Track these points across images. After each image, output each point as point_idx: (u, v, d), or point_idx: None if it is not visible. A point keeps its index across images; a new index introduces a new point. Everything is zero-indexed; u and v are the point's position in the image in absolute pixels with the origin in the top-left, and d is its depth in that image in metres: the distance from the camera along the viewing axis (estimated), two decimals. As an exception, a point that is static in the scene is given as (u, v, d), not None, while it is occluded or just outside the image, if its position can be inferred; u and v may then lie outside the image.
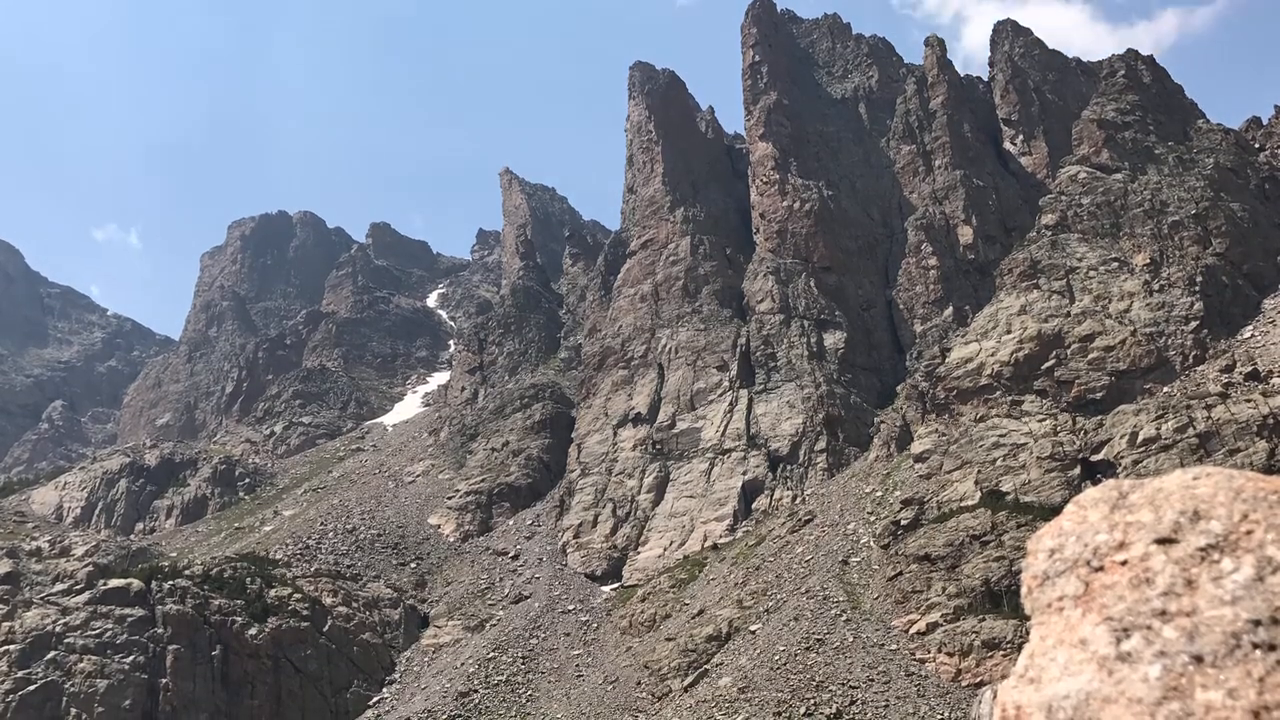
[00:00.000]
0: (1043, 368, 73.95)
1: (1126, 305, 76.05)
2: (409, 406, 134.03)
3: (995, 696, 2.47)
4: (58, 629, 65.78)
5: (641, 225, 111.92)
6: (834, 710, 53.78)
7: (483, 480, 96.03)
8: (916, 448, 73.96)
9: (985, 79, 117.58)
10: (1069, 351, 73.94)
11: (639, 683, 64.06)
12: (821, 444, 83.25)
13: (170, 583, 70.12)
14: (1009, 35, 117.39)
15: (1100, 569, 2.35)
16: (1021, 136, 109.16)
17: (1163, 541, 2.30)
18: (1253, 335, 73.37)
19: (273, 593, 73.38)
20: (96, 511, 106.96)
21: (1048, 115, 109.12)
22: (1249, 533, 2.23)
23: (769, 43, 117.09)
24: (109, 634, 65.87)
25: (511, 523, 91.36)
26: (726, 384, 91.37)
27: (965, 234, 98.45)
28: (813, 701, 54.71)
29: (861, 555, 66.98)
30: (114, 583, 69.05)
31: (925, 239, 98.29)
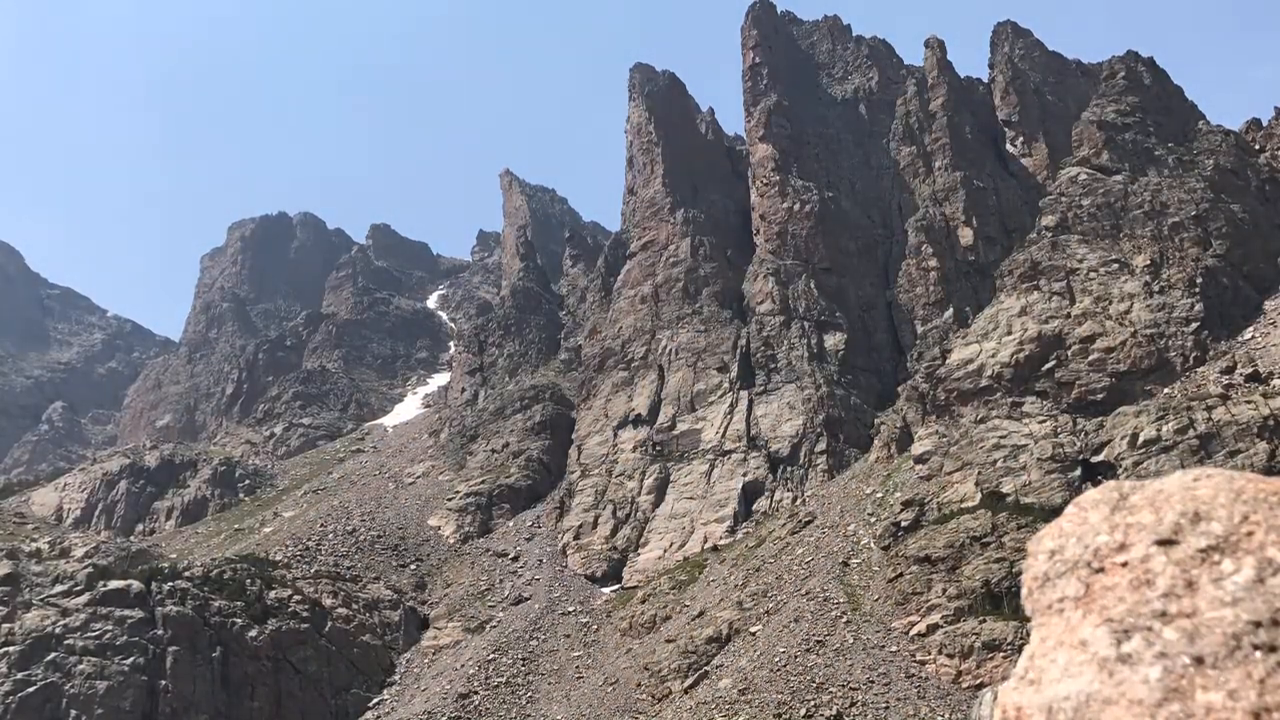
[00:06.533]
0: (1043, 369, 73.96)
1: (1127, 307, 76.05)
2: (409, 408, 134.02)
3: (995, 698, 2.47)
4: (57, 630, 65.77)
5: (641, 227, 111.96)
6: (834, 712, 53.76)
7: (483, 482, 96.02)
8: (917, 449, 73.96)
9: (985, 80, 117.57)
10: (1069, 353, 73.95)
11: (639, 684, 64.05)
12: (822, 445, 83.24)
13: (170, 584, 70.12)
14: (1009, 37, 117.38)
15: (1100, 570, 2.35)
16: (1022, 138, 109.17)
17: (1163, 543, 2.30)
18: (1253, 337, 73.38)
19: (273, 594, 73.38)
20: (96, 513, 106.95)
21: (1048, 117, 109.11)
22: (1250, 534, 2.23)
23: (769, 44, 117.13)
24: (109, 635, 65.86)
25: (511, 524, 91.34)
26: (727, 385, 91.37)
27: (965, 235, 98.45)
28: (813, 703, 54.70)
29: (862, 557, 66.97)
30: (114, 584, 69.03)
31: (925, 240, 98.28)
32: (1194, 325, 73.57)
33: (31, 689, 62.55)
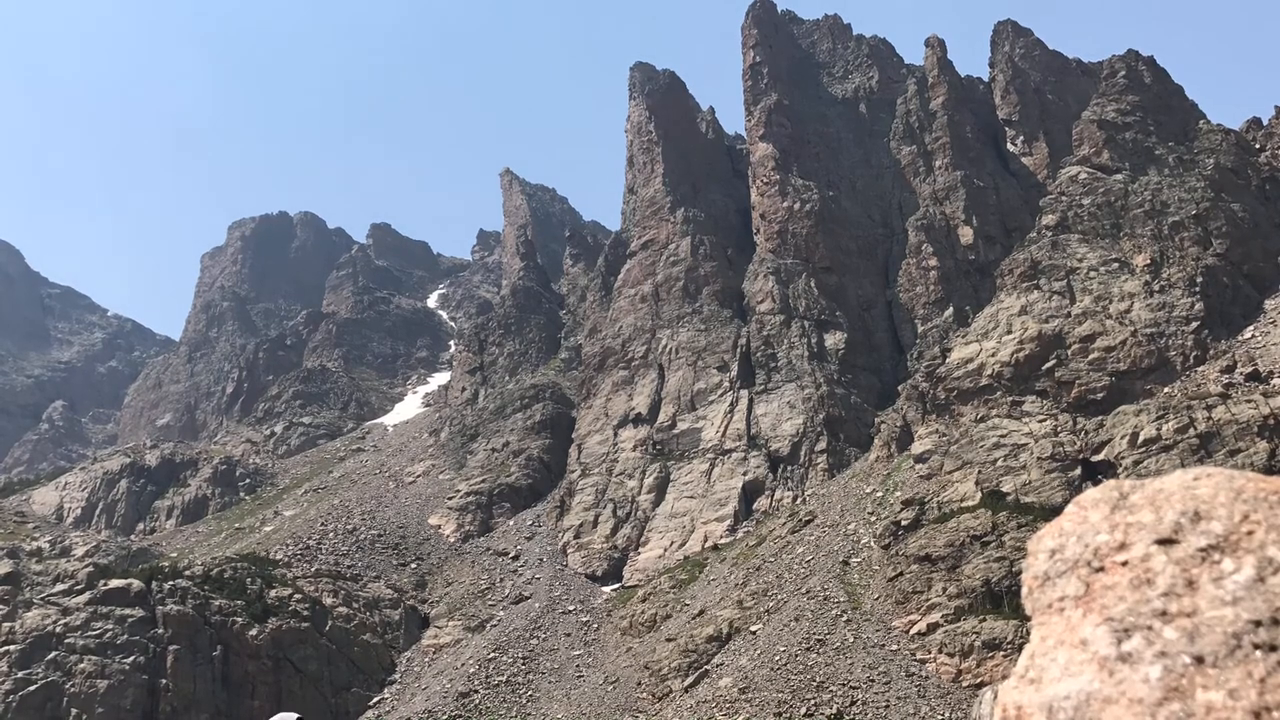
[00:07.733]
0: (1043, 368, 73.93)
1: (1127, 306, 76.04)
2: (409, 407, 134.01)
3: (996, 697, 2.47)
4: (58, 629, 65.79)
5: (642, 226, 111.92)
6: (835, 711, 53.78)
7: (483, 481, 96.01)
8: (917, 448, 73.94)
9: (986, 79, 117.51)
10: (1069, 352, 73.93)
11: (639, 683, 64.07)
12: (822, 444, 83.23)
13: (171, 583, 70.13)
14: (1009, 36, 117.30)
15: (1101, 569, 2.35)
16: (1022, 137, 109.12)
17: (1163, 542, 2.30)
18: (1253, 336, 73.35)
19: (273, 593, 73.39)
20: (97, 512, 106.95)
21: (1048, 116, 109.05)
22: (1250, 533, 2.23)
23: (769, 44, 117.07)
24: (109, 634, 65.89)
25: (512, 523, 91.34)
26: (727, 384, 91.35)
27: (966, 234, 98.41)
28: (813, 702, 54.71)
29: (862, 556, 66.97)
30: (114, 583, 69.06)
31: (926, 239, 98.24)
32: (1194, 324, 73.54)
33: (32, 688, 62.58)
